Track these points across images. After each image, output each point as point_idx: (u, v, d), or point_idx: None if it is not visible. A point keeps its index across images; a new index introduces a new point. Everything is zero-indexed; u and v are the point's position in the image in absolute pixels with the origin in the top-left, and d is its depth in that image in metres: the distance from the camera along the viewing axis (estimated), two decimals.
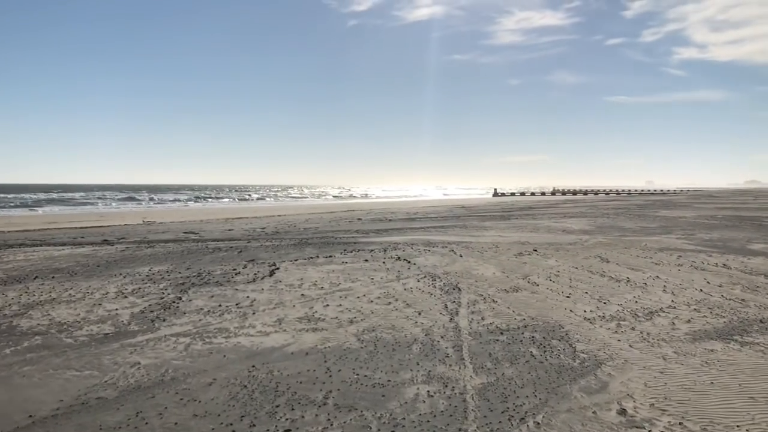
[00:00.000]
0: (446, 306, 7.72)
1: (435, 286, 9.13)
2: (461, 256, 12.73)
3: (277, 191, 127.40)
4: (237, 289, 8.89)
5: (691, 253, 13.42)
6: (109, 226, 25.22)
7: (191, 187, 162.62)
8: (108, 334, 6.40)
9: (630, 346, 6.00)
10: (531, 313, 7.41)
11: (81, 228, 23.73)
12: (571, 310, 7.54)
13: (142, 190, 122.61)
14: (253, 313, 7.32)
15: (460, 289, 8.87)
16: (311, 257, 12.53)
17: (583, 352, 5.77)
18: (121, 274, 10.42)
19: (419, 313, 7.31)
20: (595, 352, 5.79)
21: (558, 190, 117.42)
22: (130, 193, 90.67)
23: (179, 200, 69.64)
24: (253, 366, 5.29)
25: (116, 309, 7.58)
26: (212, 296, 8.39)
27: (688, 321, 7.05)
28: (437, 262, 11.84)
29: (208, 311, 7.45)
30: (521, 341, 6.13)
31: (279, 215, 33.71)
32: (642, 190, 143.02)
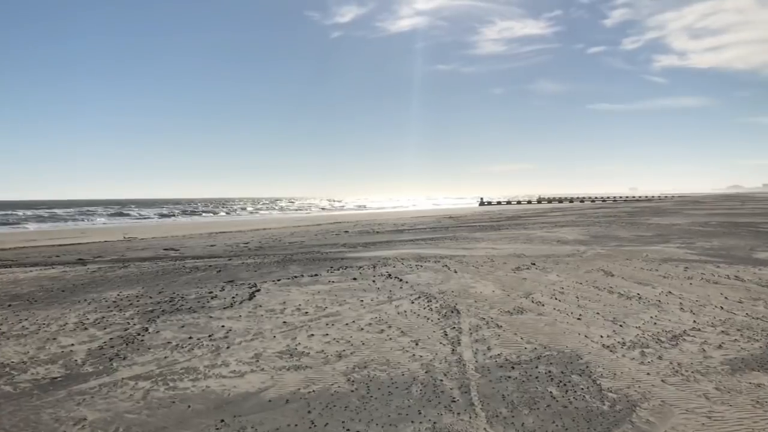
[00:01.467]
0: (446, 333, 6.87)
1: (431, 309, 8.28)
2: (456, 272, 11.89)
3: (266, 204, 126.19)
4: (212, 317, 8.00)
5: (697, 264, 12.67)
6: (88, 243, 24.24)
7: (181, 201, 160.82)
8: (56, 378, 5.49)
9: (663, 381, 5.18)
10: (542, 340, 6.58)
11: (59, 246, 22.73)
12: (585, 336, 6.72)
13: (132, 204, 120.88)
14: (228, 347, 6.43)
15: (459, 312, 8.03)
16: (295, 276, 11.65)
17: (610, 391, 4.93)
18: (86, 300, 9.49)
19: (416, 343, 6.46)
20: (624, 390, 4.96)
21: (544, 198, 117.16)
22: (120, 208, 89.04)
23: (167, 214, 68.47)
24: (222, 421, 4.40)
25: (72, 345, 6.66)
26: (183, 326, 7.49)
27: (720, 346, 6.25)
28: (431, 279, 11.00)
29: (177, 345, 6.55)
30: (537, 378, 5.29)
31: (264, 229, 32.78)
32: (627, 197, 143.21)
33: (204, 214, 71.66)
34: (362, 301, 8.95)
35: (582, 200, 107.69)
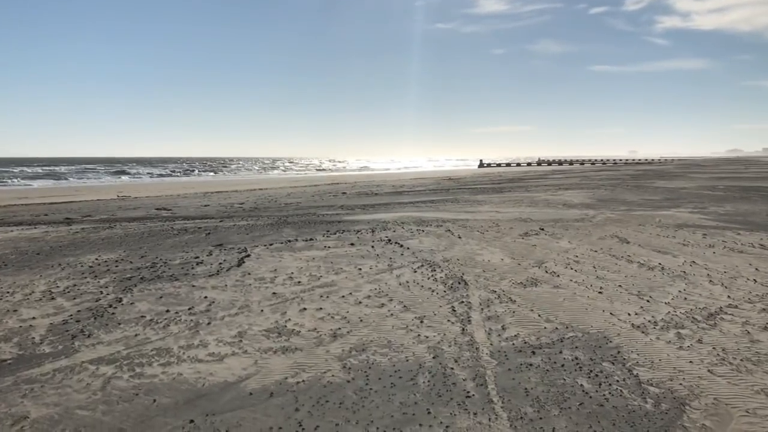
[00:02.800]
0: (453, 309, 6.13)
1: (435, 279, 7.54)
2: (460, 237, 11.13)
3: (267, 164, 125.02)
4: (194, 286, 7.25)
5: (716, 231, 11.92)
6: (80, 201, 23.48)
7: (181, 160, 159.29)
8: (5, 360, 4.75)
9: (710, 371, 4.44)
10: (562, 317, 5.84)
11: (49, 204, 21.98)
12: (611, 313, 5.98)
13: (133, 162, 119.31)
14: (208, 323, 5.69)
15: (466, 283, 7.29)
16: (289, 240, 10.88)
17: (651, 384, 4.20)
18: (60, 265, 8.73)
19: (421, 321, 5.71)
20: (667, 383, 4.23)
21: (544, 161, 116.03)
22: (121, 166, 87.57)
23: (165, 174, 67.54)
24: (192, 421, 3.66)
25: (33, 318, 5.91)
26: (161, 296, 6.74)
27: (766, 327, 5.51)
28: (434, 245, 10.24)
29: (151, 320, 5.81)
30: (563, 366, 4.55)
31: (261, 189, 31.97)
32: (627, 160, 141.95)
33: (202, 174, 70.75)
34: (360, 269, 8.20)
35: (582, 163, 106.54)
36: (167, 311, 6.11)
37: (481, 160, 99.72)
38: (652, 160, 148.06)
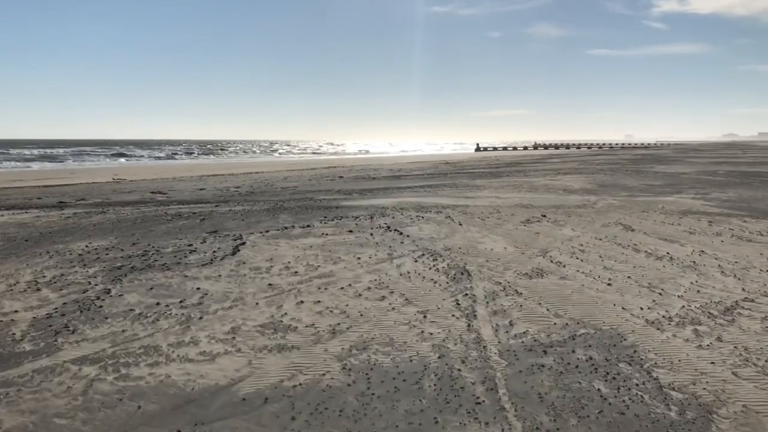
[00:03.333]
0: (458, 302, 5.84)
1: (437, 269, 7.25)
2: (461, 224, 10.84)
3: (264, 147, 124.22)
4: (187, 276, 6.95)
5: (721, 218, 11.65)
6: (75, 184, 23.15)
7: (180, 143, 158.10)
8: None
9: (734, 374, 4.17)
10: (572, 312, 5.56)
11: (44, 187, 21.64)
12: (623, 308, 5.70)
13: (131, 145, 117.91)
14: (200, 318, 5.39)
15: (470, 274, 7.00)
16: (285, 227, 10.58)
17: (673, 389, 3.92)
18: (49, 252, 8.42)
19: (424, 316, 5.43)
20: (689, 387, 3.95)
21: (540, 145, 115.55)
22: (120, 148, 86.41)
23: (162, 156, 67.05)
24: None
25: (15, 311, 5.61)
26: (152, 287, 6.45)
27: None
28: (434, 232, 9.95)
29: (140, 314, 5.51)
30: (578, 368, 4.27)
31: (257, 172, 31.60)
32: (623, 144, 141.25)
33: (200, 156, 70.18)
34: (359, 258, 7.91)
35: (578, 147, 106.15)
36: (157, 304, 5.81)
37: (477, 144, 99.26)
38: (649, 144, 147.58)
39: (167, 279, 6.83)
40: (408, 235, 9.62)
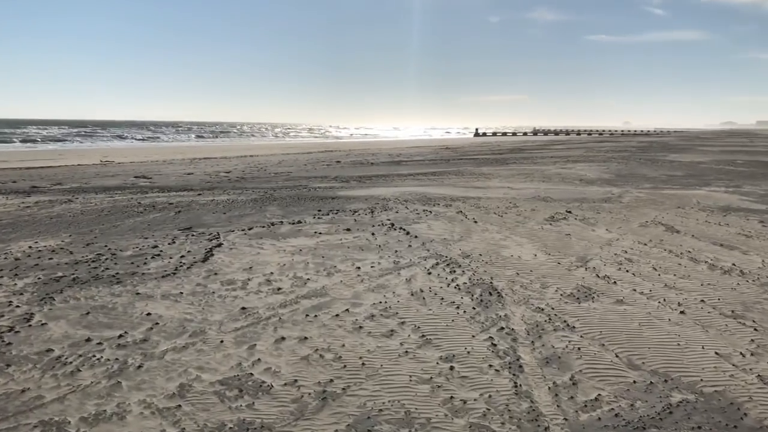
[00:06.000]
0: (493, 342, 4.33)
1: (458, 286, 5.75)
2: (476, 221, 9.33)
3: (265, 128, 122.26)
4: (139, 294, 5.43)
5: None
6: (59, 166, 21.71)
7: (181, 124, 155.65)
8: None
9: None
10: (652, 360, 4.06)
11: (25, 169, 20.15)
12: (717, 352, 4.21)
13: (131, 126, 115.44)
14: (139, 366, 3.88)
15: (500, 294, 5.50)
16: (272, 223, 9.06)
17: None
18: None
19: (451, 366, 3.92)
20: None
21: (540, 131, 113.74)
22: (121, 131, 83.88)
23: (172, 137, 65.52)
24: None
25: None
26: (88, 312, 4.93)
27: None
28: (446, 232, 8.44)
29: (58, 359, 3.99)
30: None
31: (251, 156, 30.03)
32: (622, 131, 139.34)
33: (198, 138, 68.35)
34: (359, 268, 6.41)
35: (578, 133, 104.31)
36: (87, 340, 4.29)
37: (476, 129, 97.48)
38: (648, 131, 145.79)
39: (113, 298, 5.31)
40: (416, 236, 8.12)
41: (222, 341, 4.29)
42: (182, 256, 6.88)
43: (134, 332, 4.46)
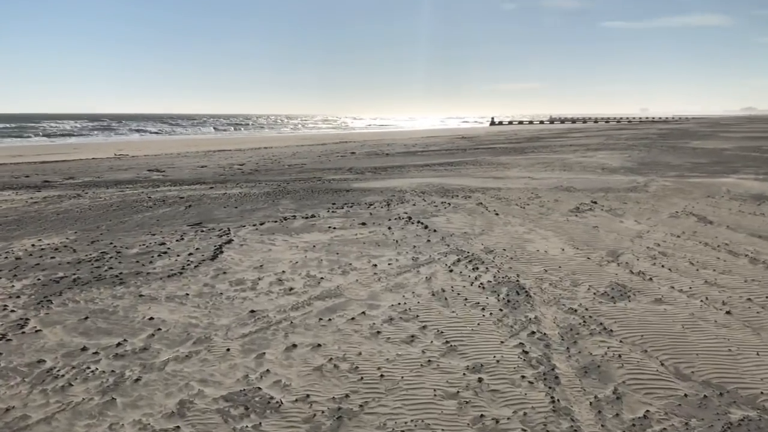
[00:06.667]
0: (524, 349, 3.94)
1: (482, 285, 5.36)
2: (497, 214, 8.92)
3: (281, 120, 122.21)
4: (142, 296, 5.10)
5: None
6: (73, 160, 21.58)
7: (197, 117, 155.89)
8: None
9: None
10: (702, 369, 3.65)
11: (39, 163, 20.06)
12: None
13: (150, 119, 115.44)
14: (137, 380, 3.54)
15: (527, 293, 5.11)
16: (285, 218, 8.71)
17: None
18: None
19: (479, 379, 3.54)
20: None
21: (556, 119, 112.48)
22: (138, 124, 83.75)
23: (192, 129, 65.53)
24: None
25: None
26: (87, 317, 4.60)
27: None
28: (467, 225, 8.05)
29: (49, 371, 3.66)
30: None
31: (265, 147, 29.73)
32: (640, 118, 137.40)
33: (216, 130, 68.16)
34: (375, 265, 6.03)
35: (596, 121, 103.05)
36: (83, 349, 3.96)
37: (492, 118, 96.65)
38: (667, 118, 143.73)
39: (114, 300, 4.98)
40: (435, 230, 7.73)
41: (228, 349, 3.94)
42: (190, 254, 6.55)
43: (134, 339, 4.12)
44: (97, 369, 3.66)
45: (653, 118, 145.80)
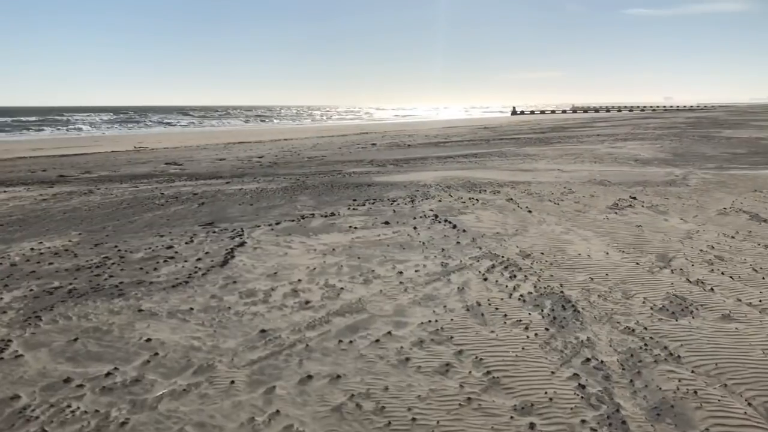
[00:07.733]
0: (580, 383, 3.33)
1: (522, 297, 4.75)
2: (530, 211, 8.29)
3: (305, 111, 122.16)
4: (141, 311, 4.56)
5: None
6: (90, 154, 21.34)
7: (219, 109, 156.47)
8: None
9: None
10: None
11: (58, 157, 19.85)
12: None
13: (176, 111, 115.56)
14: (123, 422, 2.99)
15: (575, 308, 4.49)
16: (303, 216, 8.16)
17: None
18: None
19: (530, 424, 2.95)
20: None
21: (579, 108, 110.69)
22: (162, 117, 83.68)
23: (218, 122, 65.46)
24: None
25: None
26: (78, 337, 4.07)
27: None
28: (498, 224, 7.43)
29: (21, 411, 3.12)
30: None
31: (285, 139, 29.25)
32: (665, 107, 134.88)
33: (235, 122, 67.91)
34: (401, 273, 5.45)
35: (619, 110, 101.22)
36: (66, 381, 3.42)
37: (513, 108, 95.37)
38: (692, 106, 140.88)
39: (110, 317, 4.44)
40: (464, 230, 7.13)
41: (233, 381, 3.38)
42: (198, 259, 6.01)
43: (126, 367, 3.58)
44: (78, 408, 3.12)
45: (677, 106, 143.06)
